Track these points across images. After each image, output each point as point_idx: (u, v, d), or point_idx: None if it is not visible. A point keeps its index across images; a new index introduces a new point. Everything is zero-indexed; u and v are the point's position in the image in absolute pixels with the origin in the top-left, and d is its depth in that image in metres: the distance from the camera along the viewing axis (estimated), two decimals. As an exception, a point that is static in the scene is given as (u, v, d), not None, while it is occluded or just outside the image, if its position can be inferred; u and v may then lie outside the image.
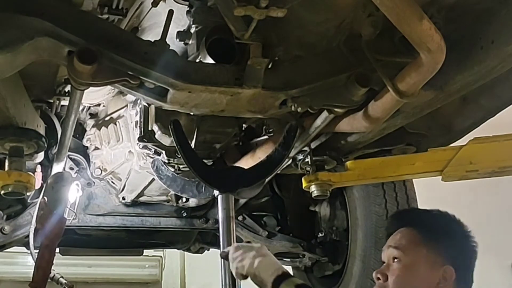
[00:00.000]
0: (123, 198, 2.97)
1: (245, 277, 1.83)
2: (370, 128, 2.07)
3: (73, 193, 2.73)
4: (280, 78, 1.86)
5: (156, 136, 2.35)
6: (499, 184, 4.37)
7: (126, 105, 2.61)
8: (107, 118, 2.72)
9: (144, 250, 3.75)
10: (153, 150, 2.43)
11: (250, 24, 1.62)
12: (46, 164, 2.70)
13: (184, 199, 2.97)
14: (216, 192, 2.11)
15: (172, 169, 2.59)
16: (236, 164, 2.64)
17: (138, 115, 2.42)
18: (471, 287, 1.75)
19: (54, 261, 2.46)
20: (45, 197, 2.48)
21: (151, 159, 2.52)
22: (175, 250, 3.88)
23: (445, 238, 1.75)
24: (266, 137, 2.59)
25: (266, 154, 2.45)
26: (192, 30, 1.90)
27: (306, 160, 2.42)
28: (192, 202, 2.98)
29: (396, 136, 2.35)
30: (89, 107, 2.78)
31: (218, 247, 2.28)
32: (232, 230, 2.11)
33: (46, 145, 2.20)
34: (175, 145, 2.09)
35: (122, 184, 2.90)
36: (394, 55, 1.84)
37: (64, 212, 2.57)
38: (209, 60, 1.83)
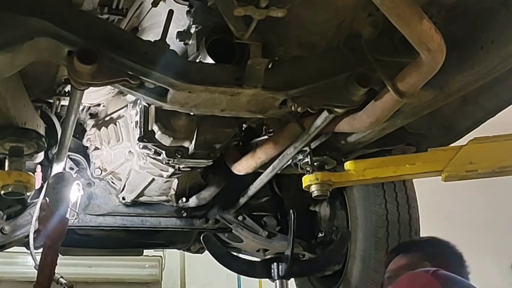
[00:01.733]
0: (123, 198, 2.96)
1: None
2: (370, 128, 2.07)
3: (75, 193, 2.73)
4: (280, 78, 1.86)
5: (156, 136, 2.35)
6: (499, 184, 4.37)
7: (126, 105, 2.61)
8: (107, 118, 2.72)
9: (144, 250, 3.75)
10: (153, 150, 2.43)
11: (250, 24, 1.62)
12: (46, 164, 2.70)
13: (184, 199, 2.97)
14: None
15: (172, 169, 2.60)
16: (237, 167, 2.67)
17: (138, 115, 2.42)
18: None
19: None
20: (46, 198, 2.48)
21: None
22: (175, 250, 3.88)
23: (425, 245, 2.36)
24: (266, 137, 2.59)
25: (266, 154, 2.46)
26: (192, 30, 1.89)
27: (306, 160, 2.43)
28: (192, 202, 2.98)
29: (396, 136, 2.35)
30: (89, 107, 2.78)
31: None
32: None
33: (46, 145, 2.20)
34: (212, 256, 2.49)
35: (122, 184, 2.90)
36: (394, 55, 1.84)
37: (66, 212, 2.57)
38: (209, 60, 1.83)
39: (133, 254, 3.85)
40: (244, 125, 2.56)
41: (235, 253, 2.88)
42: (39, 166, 2.64)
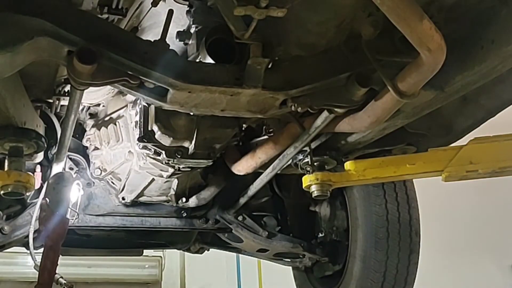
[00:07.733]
0: (123, 198, 2.97)
1: None
2: (370, 128, 2.07)
3: (75, 193, 2.72)
4: (280, 78, 1.86)
5: (156, 136, 2.35)
6: (499, 184, 4.37)
7: (126, 105, 2.61)
8: (107, 118, 2.72)
9: (144, 250, 3.75)
10: (153, 150, 2.43)
11: (250, 24, 1.62)
12: (46, 164, 2.70)
13: (184, 199, 2.97)
14: None
15: (172, 169, 2.60)
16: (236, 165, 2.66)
17: (138, 115, 2.42)
18: None
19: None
20: (46, 198, 2.48)
21: None
22: (175, 250, 3.88)
23: None
24: (266, 137, 2.59)
25: (266, 154, 2.46)
26: (192, 30, 1.90)
27: (306, 160, 2.42)
28: (192, 202, 2.98)
29: (396, 136, 2.35)
30: (89, 107, 2.78)
31: (218, 248, 2.32)
32: None
33: (45, 145, 2.20)
34: None
35: (122, 184, 2.90)
36: (394, 55, 1.84)
37: (67, 213, 2.56)
38: (209, 60, 1.83)
39: (133, 254, 3.86)
40: (244, 125, 2.56)
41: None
42: (38, 166, 2.65)
